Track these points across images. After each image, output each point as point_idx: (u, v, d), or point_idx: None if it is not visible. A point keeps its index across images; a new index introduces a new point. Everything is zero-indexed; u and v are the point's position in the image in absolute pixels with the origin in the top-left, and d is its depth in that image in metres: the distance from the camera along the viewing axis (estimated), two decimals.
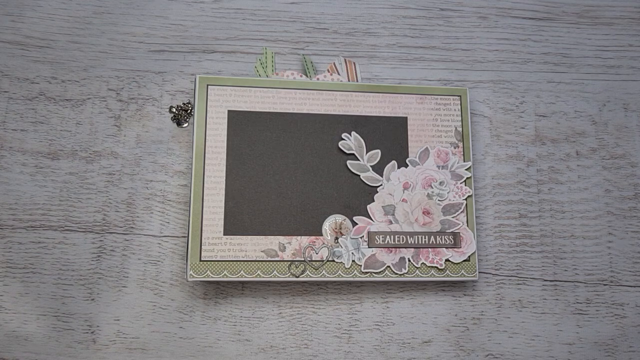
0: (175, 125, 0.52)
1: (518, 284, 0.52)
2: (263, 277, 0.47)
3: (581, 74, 0.58)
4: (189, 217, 0.47)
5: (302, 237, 0.48)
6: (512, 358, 0.51)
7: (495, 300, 0.52)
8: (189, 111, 0.51)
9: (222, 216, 0.47)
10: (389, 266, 0.48)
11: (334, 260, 0.48)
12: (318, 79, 0.52)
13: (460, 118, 0.52)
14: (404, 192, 0.50)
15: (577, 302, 0.52)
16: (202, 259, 0.46)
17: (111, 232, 0.50)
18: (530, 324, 0.52)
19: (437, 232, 0.49)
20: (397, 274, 0.48)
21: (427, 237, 0.49)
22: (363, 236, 0.48)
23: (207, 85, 0.49)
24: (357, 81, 0.53)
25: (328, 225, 0.48)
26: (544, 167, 0.55)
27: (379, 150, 0.50)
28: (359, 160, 0.50)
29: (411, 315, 0.51)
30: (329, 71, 0.53)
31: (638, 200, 0.55)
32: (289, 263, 0.47)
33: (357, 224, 0.49)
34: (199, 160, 0.48)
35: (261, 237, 0.47)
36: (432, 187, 0.50)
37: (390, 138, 0.51)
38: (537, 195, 0.54)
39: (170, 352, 0.48)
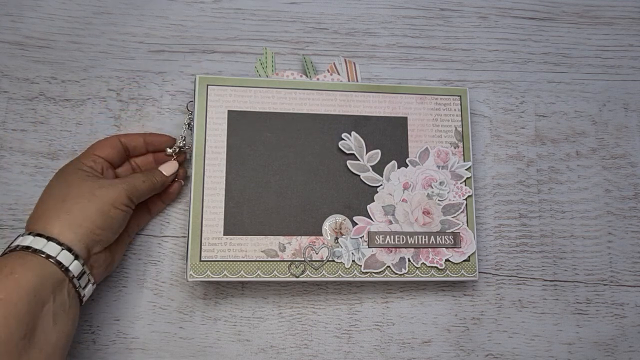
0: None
1: (518, 284, 0.52)
2: (263, 277, 0.47)
3: (581, 74, 0.58)
4: (189, 217, 0.47)
5: (302, 237, 0.48)
6: (512, 358, 0.51)
7: (495, 300, 0.52)
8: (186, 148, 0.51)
9: (222, 216, 0.47)
10: (389, 266, 0.48)
11: (334, 260, 0.48)
12: (318, 79, 0.52)
13: (460, 118, 0.52)
14: (404, 192, 0.50)
15: (577, 302, 0.52)
16: (202, 259, 0.46)
17: None
18: (530, 324, 0.52)
19: (437, 232, 0.49)
20: (397, 274, 0.48)
21: (427, 237, 0.49)
22: (363, 236, 0.48)
23: (207, 85, 0.49)
24: (357, 81, 0.53)
25: (328, 225, 0.48)
26: (544, 167, 0.55)
27: (379, 150, 0.50)
28: (359, 160, 0.50)
29: (411, 315, 0.51)
30: (329, 71, 0.53)
31: (638, 200, 0.55)
32: (289, 263, 0.47)
33: (357, 224, 0.49)
34: (199, 160, 0.48)
35: (261, 237, 0.47)
36: (432, 187, 0.50)
37: (390, 138, 0.51)
38: (537, 195, 0.54)
39: (170, 352, 0.48)
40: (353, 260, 0.48)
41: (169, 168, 0.48)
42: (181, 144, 0.50)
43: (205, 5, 0.56)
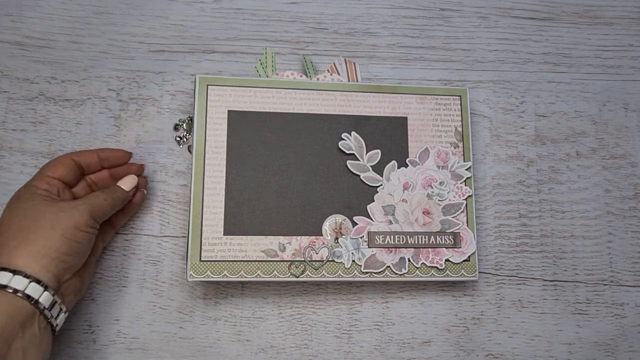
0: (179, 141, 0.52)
1: (518, 284, 0.52)
2: (263, 277, 0.47)
3: (581, 74, 0.58)
4: (189, 217, 0.47)
5: (302, 237, 0.48)
6: (512, 358, 0.51)
7: (495, 300, 0.52)
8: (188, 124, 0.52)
9: (222, 216, 0.47)
10: (389, 266, 0.48)
11: (334, 260, 0.48)
12: (318, 79, 0.52)
13: (460, 118, 0.52)
14: (404, 192, 0.50)
15: (577, 302, 0.52)
16: (202, 259, 0.46)
17: None
18: (530, 324, 0.52)
19: (437, 232, 0.49)
20: (397, 274, 0.48)
21: (427, 237, 0.49)
22: (363, 236, 0.48)
23: (207, 85, 0.49)
24: (357, 81, 0.53)
25: (328, 225, 0.48)
26: (544, 167, 0.55)
27: (379, 150, 0.50)
28: (359, 160, 0.50)
29: (411, 315, 0.51)
30: (329, 71, 0.53)
31: (638, 200, 0.55)
32: (289, 263, 0.47)
33: (357, 224, 0.49)
34: (199, 160, 0.48)
35: (261, 237, 0.47)
36: (432, 187, 0.50)
37: (390, 138, 0.51)
38: (537, 195, 0.54)
39: (170, 352, 0.48)
40: (353, 260, 0.48)
41: (128, 182, 0.47)
42: (183, 135, 0.50)
43: (205, 5, 0.56)
